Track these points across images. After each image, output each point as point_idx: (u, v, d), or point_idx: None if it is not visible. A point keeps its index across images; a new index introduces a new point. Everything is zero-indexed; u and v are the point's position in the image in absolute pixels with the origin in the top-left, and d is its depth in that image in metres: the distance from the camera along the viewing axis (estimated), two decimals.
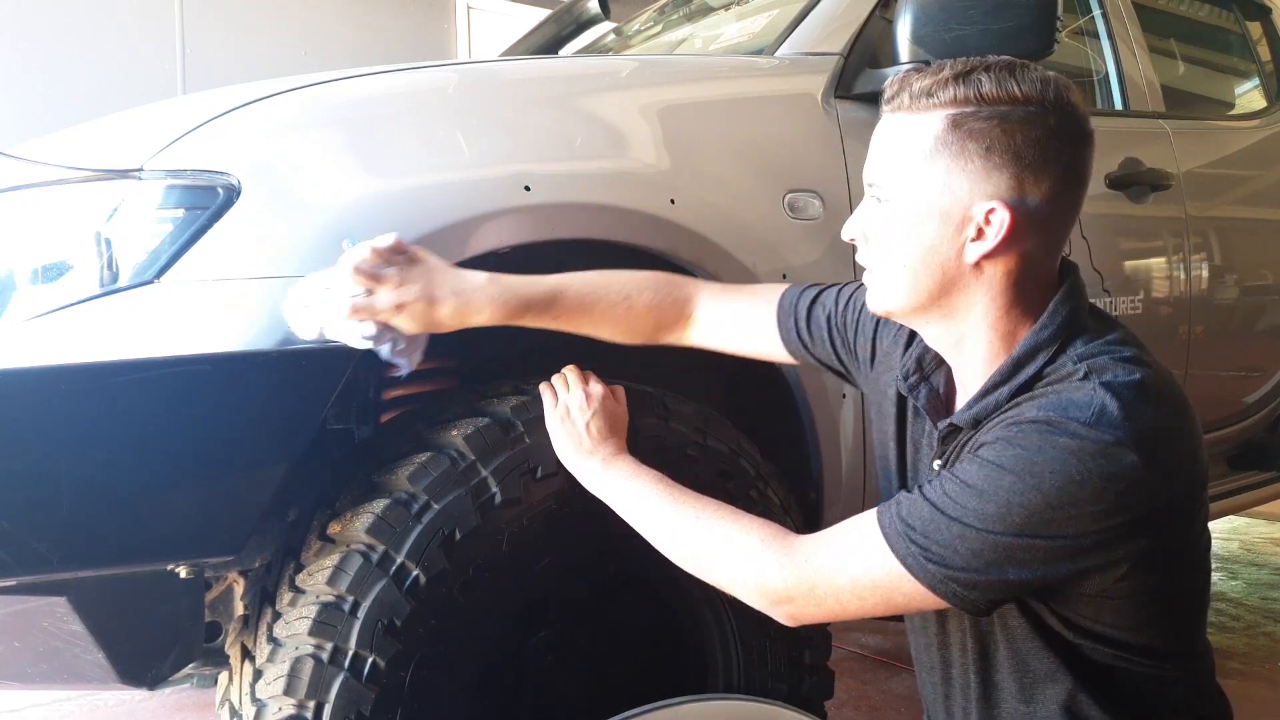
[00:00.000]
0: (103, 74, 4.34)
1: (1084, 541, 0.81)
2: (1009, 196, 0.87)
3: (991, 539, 0.82)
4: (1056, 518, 0.81)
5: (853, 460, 1.56)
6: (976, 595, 0.85)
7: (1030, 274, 0.92)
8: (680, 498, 1.05)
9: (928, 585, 0.85)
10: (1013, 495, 0.81)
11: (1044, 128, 0.86)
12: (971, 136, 0.87)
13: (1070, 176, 0.89)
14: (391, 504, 1.11)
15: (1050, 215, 0.90)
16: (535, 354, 1.46)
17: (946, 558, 0.84)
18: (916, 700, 2.30)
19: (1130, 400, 0.82)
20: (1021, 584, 0.84)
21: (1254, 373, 2.47)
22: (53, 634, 1.06)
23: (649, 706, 1.15)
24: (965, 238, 0.89)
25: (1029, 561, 0.82)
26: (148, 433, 0.98)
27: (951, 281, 0.92)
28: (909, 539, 0.86)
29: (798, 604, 0.94)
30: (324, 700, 1.06)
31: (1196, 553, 0.92)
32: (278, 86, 1.20)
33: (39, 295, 1.05)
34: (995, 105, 0.87)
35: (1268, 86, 2.81)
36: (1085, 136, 0.90)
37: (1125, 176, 2.04)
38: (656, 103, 1.43)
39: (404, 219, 1.13)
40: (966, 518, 0.83)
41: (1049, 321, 0.91)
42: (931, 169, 0.90)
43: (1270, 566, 3.41)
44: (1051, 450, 0.81)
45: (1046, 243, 0.92)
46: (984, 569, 0.83)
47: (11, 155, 1.16)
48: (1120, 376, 0.84)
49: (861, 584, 0.89)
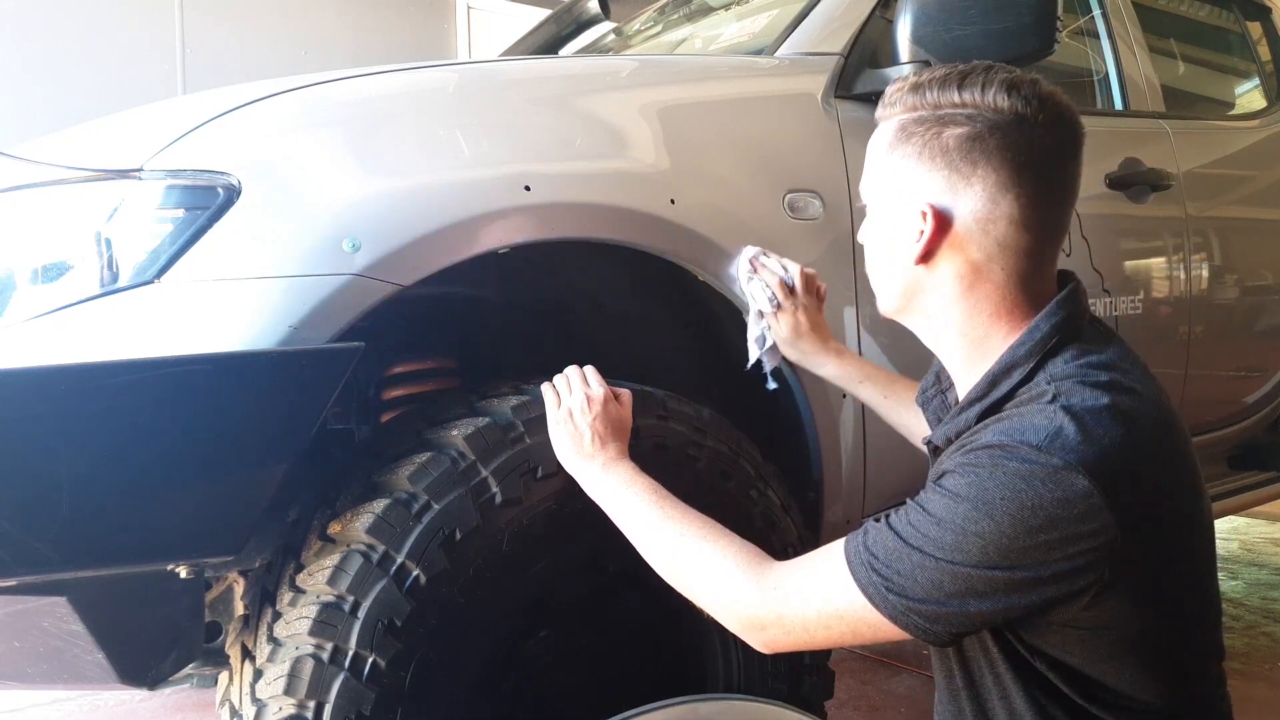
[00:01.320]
0: (103, 74, 4.34)
1: (1043, 572, 0.79)
2: (939, 198, 0.90)
3: (951, 569, 0.81)
4: (1013, 547, 0.79)
5: (853, 460, 1.56)
6: (939, 628, 0.83)
7: (990, 278, 0.92)
8: (670, 512, 1.05)
9: (889, 616, 0.84)
10: (967, 524, 0.80)
11: (973, 130, 0.88)
12: (910, 140, 0.92)
13: (1014, 179, 0.88)
14: (392, 504, 1.11)
15: (992, 218, 0.89)
16: (535, 355, 1.46)
17: (907, 588, 0.82)
18: (916, 700, 2.31)
19: (1090, 424, 0.80)
20: (983, 615, 0.83)
21: (1254, 373, 2.47)
22: (53, 634, 1.06)
23: (649, 706, 1.15)
24: (911, 238, 0.92)
25: (989, 593, 0.80)
26: (148, 433, 0.98)
27: (914, 283, 0.96)
28: (872, 568, 0.85)
29: (769, 631, 0.93)
30: (324, 700, 1.06)
31: (1177, 590, 0.87)
32: (278, 86, 1.19)
33: (39, 295, 1.05)
34: (935, 110, 0.90)
35: (1268, 86, 2.81)
36: (1028, 137, 0.87)
37: (1125, 176, 2.04)
38: (656, 103, 1.43)
39: (404, 219, 1.13)
40: (927, 547, 0.82)
41: (1027, 338, 0.90)
42: (885, 173, 0.95)
43: (1270, 566, 3.41)
44: (1002, 476, 0.80)
45: (1000, 246, 0.90)
46: (945, 600, 0.82)
47: (11, 155, 1.16)
48: (1086, 400, 0.82)
49: (826, 613, 0.88)
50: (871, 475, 1.58)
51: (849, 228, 1.54)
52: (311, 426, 1.05)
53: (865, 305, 1.55)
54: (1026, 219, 0.89)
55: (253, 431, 1.03)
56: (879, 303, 1.02)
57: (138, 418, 0.97)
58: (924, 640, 0.85)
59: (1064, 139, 0.90)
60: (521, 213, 1.21)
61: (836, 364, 1.36)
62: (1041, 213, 0.90)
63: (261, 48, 4.83)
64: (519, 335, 1.58)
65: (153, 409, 0.97)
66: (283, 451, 1.04)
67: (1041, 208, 0.89)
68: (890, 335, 1.59)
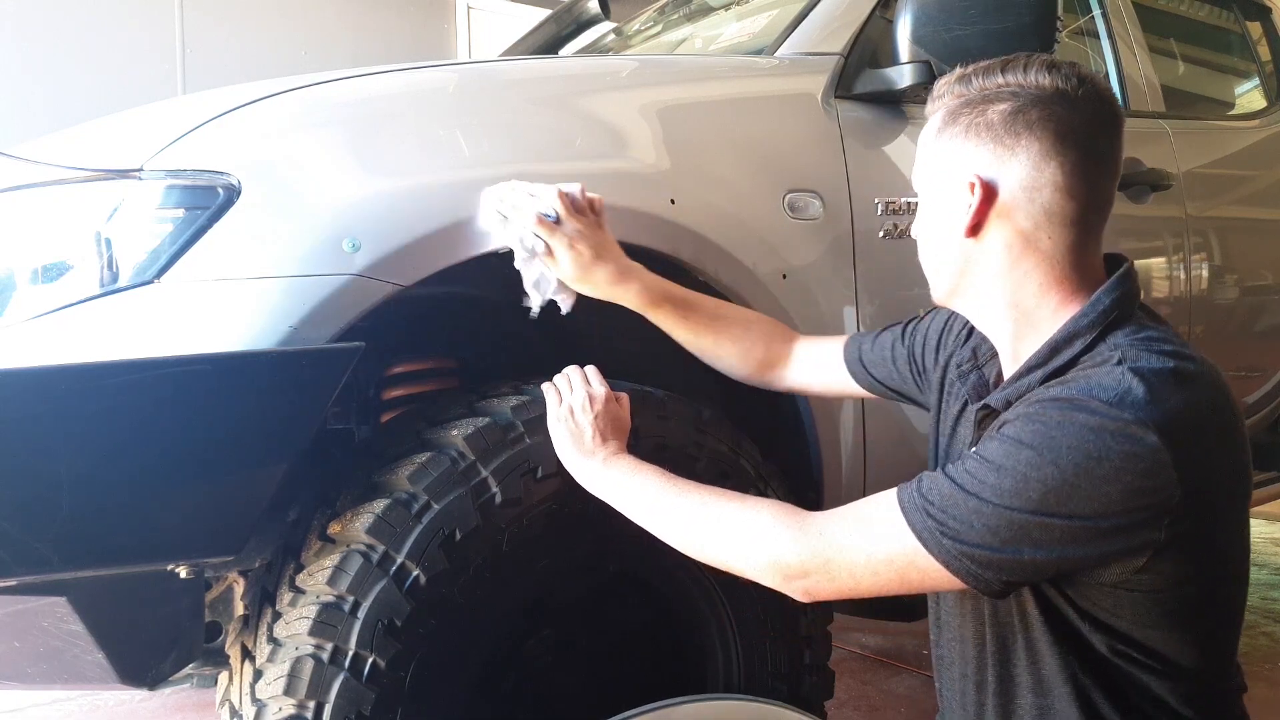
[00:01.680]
0: (103, 74, 4.34)
1: (1102, 524, 0.80)
2: (986, 168, 0.94)
3: (1008, 515, 0.82)
4: (1074, 496, 0.80)
5: (853, 460, 1.56)
6: (991, 575, 0.84)
7: (1038, 248, 0.94)
8: (685, 487, 1.06)
9: (942, 561, 0.85)
10: (1030, 470, 0.81)
11: (1017, 104, 0.93)
12: (957, 121, 0.97)
13: (1056, 147, 0.92)
14: (392, 504, 1.11)
15: (1038, 185, 0.93)
16: (535, 355, 1.46)
17: (962, 533, 0.84)
18: (916, 700, 2.31)
19: (1157, 385, 0.82)
20: (1038, 565, 0.83)
21: (1254, 373, 2.47)
22: (53, 634, 1.06)
23: (649, 706, 1.15)
24: (960, 212, 0.96)
25: (1045, 541, 0.82)
26: (148, 433, 0.98)
27: (965, 258, 0.98)
28: (927, 513, 0.86)
29: (812, 579, 0.93)
30: (324, 700, 1.06)
31: (1228, 558, 0.89)
32: (278, 86, 1.20)
33: (39, 295, 1.05)
34: (981, 93, 0.96)
35: (1268, 86, 2.81)
36: (1069, 110, 0.92)
37: (1125, 176, 2.03)
38: (656, 103, 1.43)
39: (404, 219, 1.13)
40: (984, 493, 0.83)
41: (1090, 309, 0.92)
42: (933, 158, 1.00)
43: (1270, 566, 3.41)
44: (1071, 426, 0.81)
45: (1046, 214, 0.93)
46: (1000, 547, 0.83)
47: (11, 155, 1.16)
48: (1153, 363, 0.84)
49: (876, 559, 0.89)
50: (871, 475, 1.58)
51: (849, 227, 1.54)
52: (311, 426, 1.05)
53: (865, 305, 1.56)
54: (1071, 186, 0.92)
55: (253, 431, 1.03)
56: (932, 290, 1.04)
57: (138, 418, 0.97)
58: (976, 588, 0.86)
59: (1104, 114, 0.94)
60: None
61: (634, 291, 1.24)
62: (1086, 181, 0.93)
63: (261, 48, 4.83)
64: (519, 335, 1.58)
65: (153, 409, 0.97)
66: (283, 451, 1.04)
67: (1085, 176, 0.93)
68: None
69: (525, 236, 1.15)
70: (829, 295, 1.51)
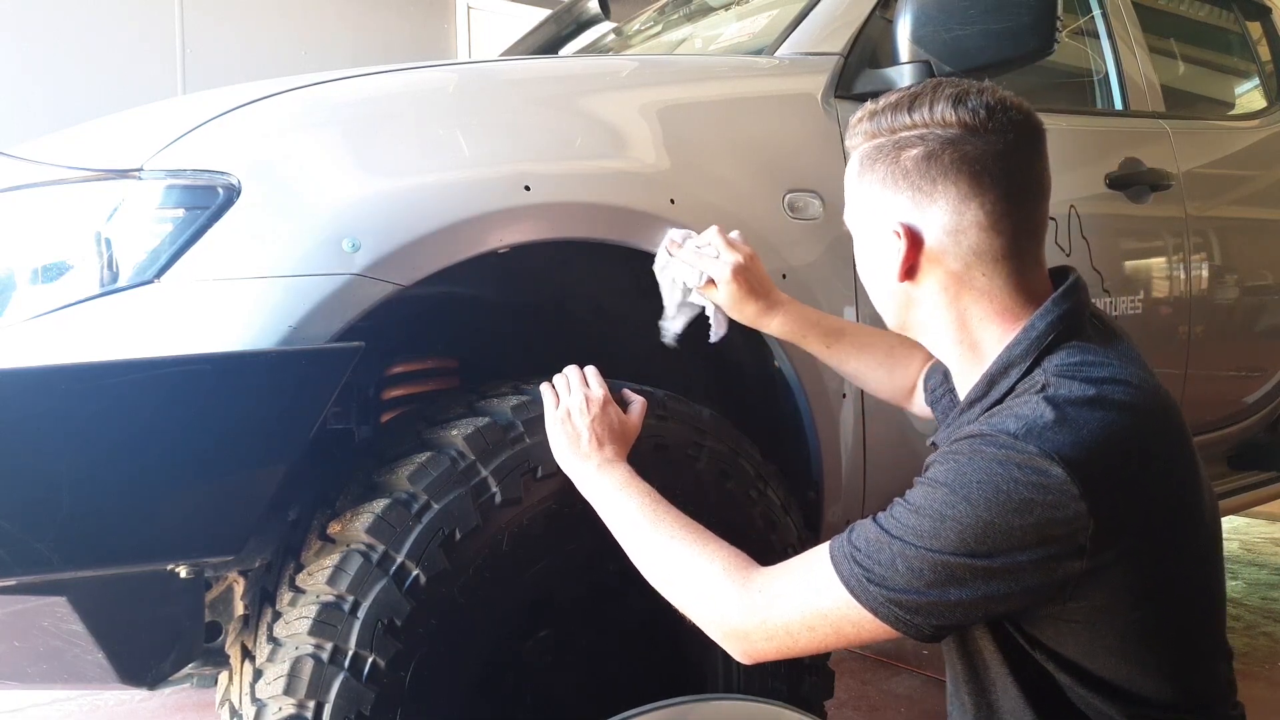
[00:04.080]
0: (103, 74, 4.34)
1: (1019, 559, 0.79)
2: (908, 215, 0.94)
3: (930, 557, 0.81)
4: (988, 532, 0.79)
5: (853, 460, 1.56)
6: (920, 620, 0.83)
7: (973, 285, 0.93)
8: (662, 517, 1.04)
9: (870, 609, 0.84)
10: (945, 509, 0.81)
11: (927, 149, 0.91)
12: (875, 168, 0.96)
13: (974, 188, 0.90)
14: (392, 504, 1.11)
15: (961, 228, 0.91)
16: (535, 355, 1.46)
17: (888, 578, 0.83)
18: (916, 700, 2.31)
19: (1070, 413, 0.81)
20: (964, 606, 0.82)
21: (1254, 373, 2.47)
22: (53, 634, 1.06)
23: (649, 706, 1.15)
24: (890, 258, 0.95)
25: (967, 580, 0.80)
26: (148, 433, 0.98)
27: (904, 298, 0.98)
28: (854, 560, 0.85)
29: (751, 639, 0.92)
30: (324, 700, 1.06)
31: (1175, 588, 0.87)
32: (278, 86, 1.19)
33: (39, 295, 1.05)
34: (891, 134, 0.94)
35: (1268, 86, 2.81)
36: (980, 146, 0.90)
37: (1125, 176, 2.04)
38: (656, 103, 1.43)
39: (404, 219, 1.13)
40: (906, 535, 0.83)
41: (1022, 337, 0.91)
42: (858, 201, 1.00)
43: (1270, 566, 3.41)
44: (980, 460, 0.81)
45: (975, 254, 0.92)
46: (925, 590, 0.81)
47: (11, 155, 1.16)
48: (1072, 391, 0.83)
49: (809, 612, 0.88)
50: (871, 475, 1.58)
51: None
52: (311, 426, 1.05)
53: (865, 305, 1.55)
54: (994, 224, 0.91)
55: (253, 431, 1.03)
56: (885, 321, 1.05)
57: (138, 418, 0.97)
58: (908, 635, 0.84)
59: (1018, 141, 0.91)
60: (521, 213, 1.21)
61: (779, 322, 1.29)
62: (1010, 215, 0.91)
63: (261, 48, 4.83)
64: (519, 335, 1.58)
65: (153, 409, 0.97)
66: (283, 451, 1.04)
67: (1008, 210, 0.91)
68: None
69: (693, 292, 1.27)
70: (829, 295, 1.51)
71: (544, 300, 1.54)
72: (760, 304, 1.26)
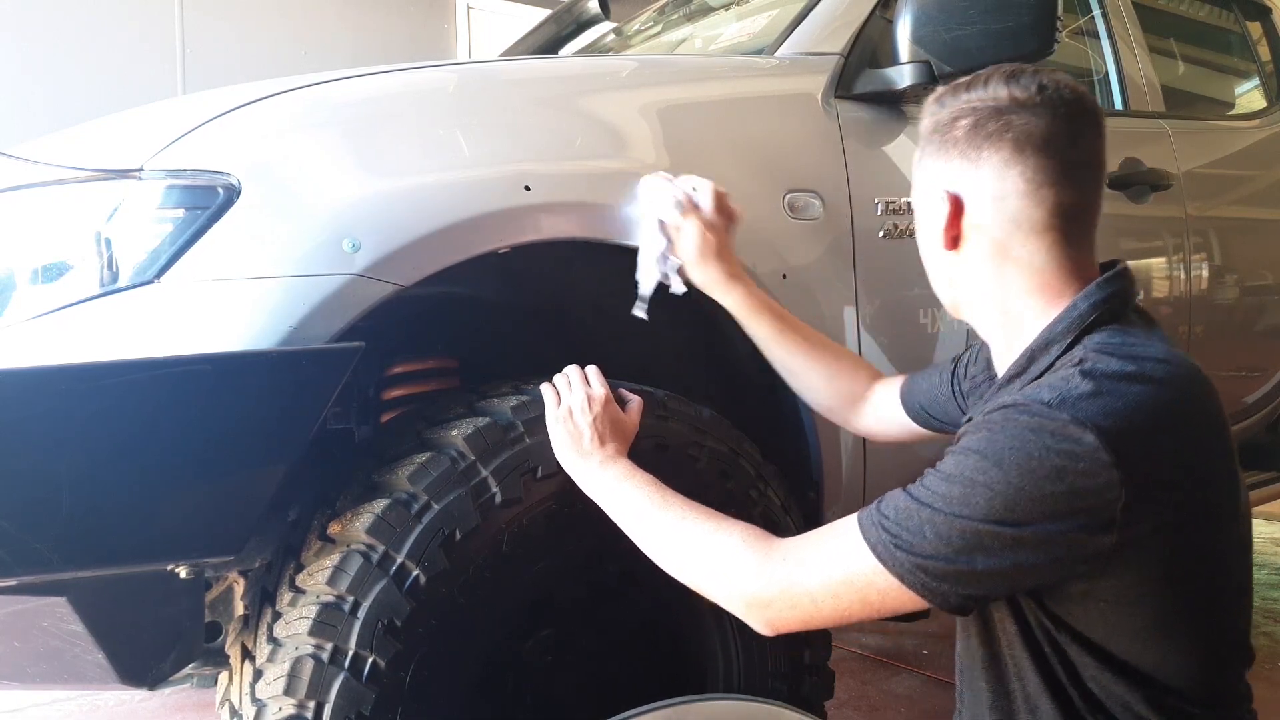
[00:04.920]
0: (103, 74, 4.34)
1: (1049, 529, 0.79)
2: (954, 183, 0.98)
3: (959, 524, 0.81)
4: (1019, 500, 0.79)
5: (853, 460, 1.56)
6: (947, 588, 0.83)
7: (1015, 256, 0.96)
8: (669, 501, 1.05)
9: (897, 575, 0.84)
10: (976, 475, 0.82)
11: (975, 118, 0.95)
12: (930, 143, 1.01)
13: (1015, 156, 0.93)
14: (392, 504, 1.11)
15: (1003, 194, 0.94)
16: (535, 355, 1.45)
17: (915, 544, 0.83)
18: (916, 700, 2.31)
19: (1104, 385, 0.81)
20: (992, 576, 0.82)
21: (1254, 373, 2.47)
22: (53, 634, 1.06)
23: (649, 706, 1.15)
24: (938, 227, 0.99)
25: (996, 549, 0.81)
26: (148, 433, 0.98)
27: (952, 271, 1.02)
28: (882, 527, 0.86)
29: (774, 608, 0.93)
30: (324, 700, 1.06)
31: (1204, 569, 0.87)
32: (278, 86, 1.19)
33: (39, 295, 1.05)
34: (951, 114, 0.99)
35: (1268, 86, 2.81)
36: (1025, 118, 0.93)
37: (1125, 176, 2.04)
38: (656, 103, 1.43)
39: (404, 219, 1.13)
40: (935, 502, 0.83)
41: (1065, 315, 0.93)
42: (917, 179, 1.05)
43: (1270, 566, 3.41)
44: (1012, 428, 0.82)
45: (1015, 222, 0.95)
46: (953, 557, 0.82)
47: (11, 155, 1.16)
48: (1110, 366, 0.84)
49: (835, 578, 0.88)
50: (871, 475, 1.58)
51: (849, 227, 1.54)
52: (311, 426, 1.05)
53: (865, 305, 1.56)
54: (1035, 191, 0.93)
55: (253, 431, 1.03)
56: (945, 307, 1.08)
57: (138, 418, 0.97)
58: (934, 604, 0.85)
59: (1068, 117, 0.94)
60: (521, 213, 1.21)
61: (740, 294, 1.30)
62: (1052, 187, 0.93)
63: (261, 48, 4.83)
64: (519, 335, 1.58)
65: (153, 409, 0.98)
66: (283, 451, 1.04)
67: (1049, 181, 0.93)
68: (890, 335, 1.59)
69: (667, 211, 1.25)
70: (829, 295, 1.51)
71: (544, 300, 1.54)
72: (724, 267, 1.29)
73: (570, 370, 1.23)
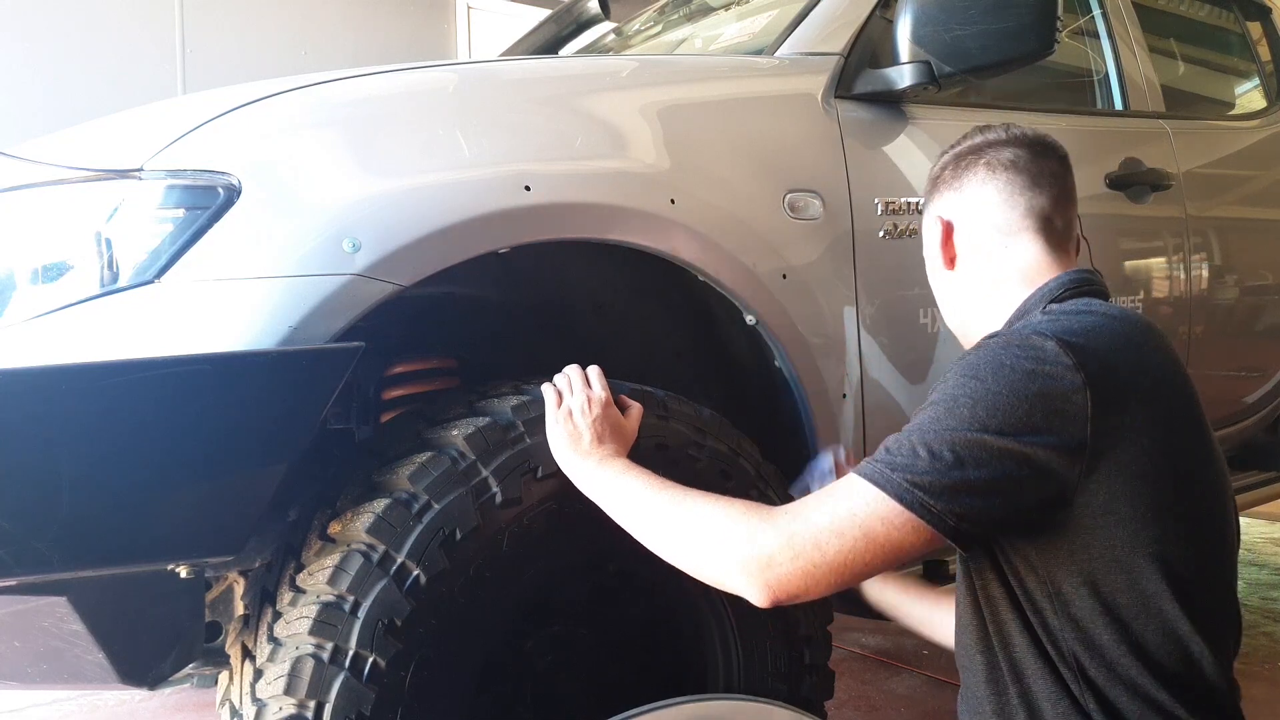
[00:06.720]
0: (103, 74, 4.34)
1: (1031, 441, 0.88)
2: (944, 209, 1.19)
3: (948, 435, 0.90)
4: (998, 405, 0.89)
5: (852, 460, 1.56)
6: (943, 507, 0.89)
7: (1000, 262, 1.13)
8: (668, 487, 1.08)
9: (895, 496, 0.90)
10: (956, 390, 0.92)
11: (955, 158, 1.18)
12: (927, 191, 1.24)
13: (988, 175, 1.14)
14: (392, 504, 1.11)
15: (981, 206, 1.14)
16: (535, 355, 1.46)
17: (910, 464, 0.91)
18: (917, 700, 2.31)
19: (1063, 320, 0.96)
20: (985, 490, 0.89)
21: (1254, 373, 2.47)
22: (53, 634, 1.06)
23: (649, 706, 1.15)
24: (937, 250, 1.19)
25: (984, 460, 0.89)
26: (148, 433, 0.98)
27: (953, 289, 1.19)
28: (878, 460, 0.94)
29: (776, 563, 0.94)
30: (324, 700, 1.06)
31: (1175, 486, 0.93)
32: (278, 86, 1.19)
33: (39, 295, 1.05)
34: (940, 163, 1.21)
35: (1268, 86, 2.81)
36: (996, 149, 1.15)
37: (1125, 176, 2.04)
38: (656, 103, 1.43)
39: (405, 219, 1.13)
40: (924, 424, 0.93)
41: (1039, 290, 1.09)
42: (922, 224, 1.26)
43: (1270, 566, 3.42)
44: (984, 351, 0.95)
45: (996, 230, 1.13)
46: (946, 470, 0.89)
47: (11, 155, 1.16)
48: (1067, 308, 1.00)
49: (839, 515, 0.93)
50: None
51: (849, 228, 1.54)
52: (311, 426, 1.05)
53: (865, 305, 1.56)
54: (1009, 200, 1.13)
55: (253, 431, 1.03)
56: (958, 337, 1.23)
57: (138, 418, 0.97)
58: (934, 528, 0.89)
59: (1029, 144, 1.14)
60: (521, 213, 1.21)
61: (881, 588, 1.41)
62: (1023, 194, 1.12)
63: (261, 48, 4.83)
64: (519, 335, 1.58)
65: (153, 409, 0.98)
66: (283, 451, 1.04)
67: (1021, 190, 1.12)
68: (890, 335, 1.59)
69: None
70: (829, 295, 1.51)
71: (544, 300, 1.54)
72: None
73: (571, 370, 1.23)
